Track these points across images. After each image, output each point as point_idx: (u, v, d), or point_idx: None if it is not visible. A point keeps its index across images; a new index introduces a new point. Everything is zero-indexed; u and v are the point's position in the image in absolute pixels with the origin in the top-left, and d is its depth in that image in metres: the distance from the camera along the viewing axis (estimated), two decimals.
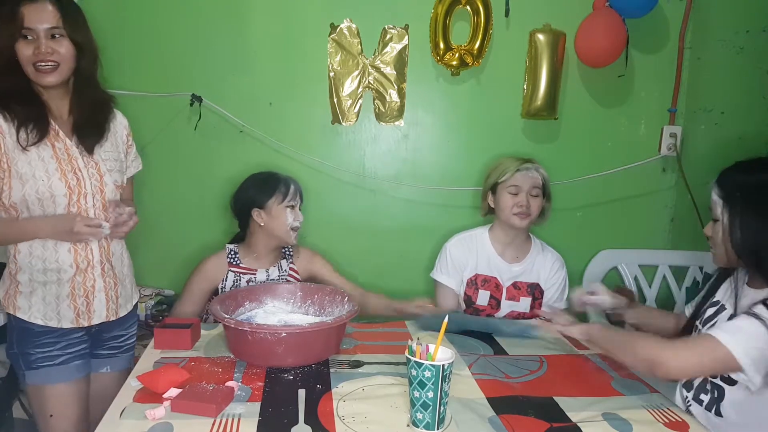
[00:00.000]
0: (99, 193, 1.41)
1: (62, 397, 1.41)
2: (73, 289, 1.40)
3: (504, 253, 1.92)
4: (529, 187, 1.86)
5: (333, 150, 2.30)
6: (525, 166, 1.88)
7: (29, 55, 1.30)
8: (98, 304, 1.44)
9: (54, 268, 1.38)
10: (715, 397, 1.27)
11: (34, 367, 1.39)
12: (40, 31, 1.30)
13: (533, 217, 1.87)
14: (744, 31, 2.05)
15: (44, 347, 1.39)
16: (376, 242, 2.36)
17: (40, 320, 1.38)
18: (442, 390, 1.04)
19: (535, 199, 1.86)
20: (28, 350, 1.39)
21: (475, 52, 2.21)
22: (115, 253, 1.48)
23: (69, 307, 1.40)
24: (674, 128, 2.33)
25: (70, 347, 1.42)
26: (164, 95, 2.15)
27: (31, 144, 1.32)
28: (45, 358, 1.39)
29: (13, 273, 1.39)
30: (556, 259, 1.96)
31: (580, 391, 1.25)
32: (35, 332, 1.39)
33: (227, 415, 1.09)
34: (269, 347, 1.26)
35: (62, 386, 1.40)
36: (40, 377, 1.39)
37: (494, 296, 1.91)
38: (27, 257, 1.37)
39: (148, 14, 2.16)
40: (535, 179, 1.87)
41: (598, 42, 2.11)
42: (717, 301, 1.41)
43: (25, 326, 1.39)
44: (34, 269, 1.37)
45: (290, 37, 2.21)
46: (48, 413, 1.40)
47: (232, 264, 1.84)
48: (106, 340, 1.53)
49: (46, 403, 1.40)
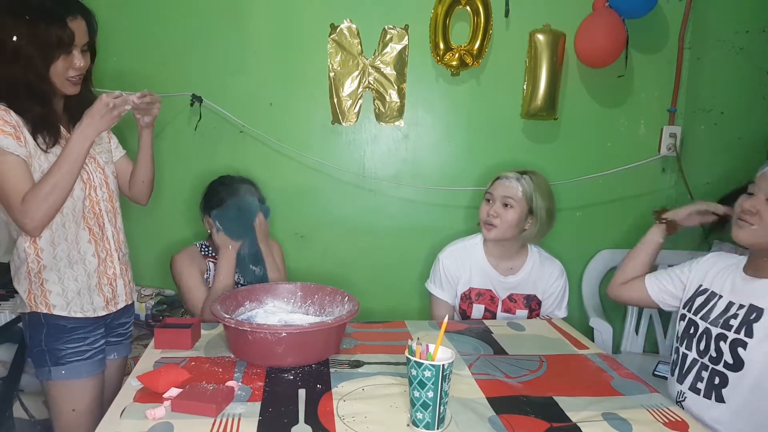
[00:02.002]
0: (104, 185, 1.50)
1: (86, 391, 1.45)
2: (99, 279, 1.47)
3: (498, 265, 1.86)
4: (500, 196, 1.77)
5: (333, 150, 2.30)
6: (506, 174, 1.80)
7: (66, 68, 1.36)
8: (120, 290, 1.53)
9: (79, 260, 1.42)
10: (716, 384, 1.30)
11: (63, 363, 1.42)
12: (79, 47, 1.37)
13: (503, 228, 1.76)
14: (744, 31, 2.05)
15: (75, 342, 1.43)
16: (375, 242, 2.36)
17: (79, 313, 1.42)
18: (442, 390, 1.04)
19: (508, 210, 1.76)
20: (58, 346, 1.41)
21: (475, 53, 2.21)
22: (123, 240, 1.57)
23: (99, 296, 1.47)
24: (674, 128, 2.33)
25: (96, 342, 1.48)
26: (164, 95, 2.14)
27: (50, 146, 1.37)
28: (75, 353, 1.43)
29: (36, 272, 1.40)
30: (555, 268, 1.88)
31: (580, 391, 1.25)
32: (68, 328, 1.42)
33: (227, 415, 1.09)
34: (269, 347, 1.26)
35: (86, 380, 1.45)
36: (68, 372, 1.42)
37: (489, 309, 1.87)
38: (51, 254, 1.39)
39: (148, 14, 2.16)
40: (510, 188, 1.76)
41: (598, 42, 2.11)
42: (705, 289, 1.42)
43: (57, 323, 1.41)
44: (61, 265, 1.40)
45: (290, 37, 2.22)
46: (71, 408, 1.43)
47: (208, 256, 1.87)
48: (114, 327, 1.59)
49: (70, 397, 1.43)
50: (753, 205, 1.30)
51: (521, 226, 1.79)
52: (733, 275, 1.39)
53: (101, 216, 1.47)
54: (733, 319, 1.31)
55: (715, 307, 1.38)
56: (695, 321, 1.41)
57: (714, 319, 1.36)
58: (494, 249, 1.87)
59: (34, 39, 1.30)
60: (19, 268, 1.41)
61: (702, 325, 1.38)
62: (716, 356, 1.32)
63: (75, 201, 1.40)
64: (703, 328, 1.38)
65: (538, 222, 1.79)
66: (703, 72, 2.27)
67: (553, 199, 1.83)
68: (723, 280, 1.41)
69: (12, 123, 1.31)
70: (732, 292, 1.36)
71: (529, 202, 1.77)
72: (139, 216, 2.15)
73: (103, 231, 1.47)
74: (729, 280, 1.39)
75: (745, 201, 1.32)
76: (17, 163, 1.30)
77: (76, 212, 1.41)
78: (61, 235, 1.40)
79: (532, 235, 1.82)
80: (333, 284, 1.58)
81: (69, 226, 1.40)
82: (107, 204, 1.50)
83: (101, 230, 1.47)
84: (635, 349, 2.33)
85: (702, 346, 1.37)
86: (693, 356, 1.39)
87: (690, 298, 1.46)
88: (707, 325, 1.37)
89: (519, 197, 1.77)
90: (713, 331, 1.34)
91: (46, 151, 1.36)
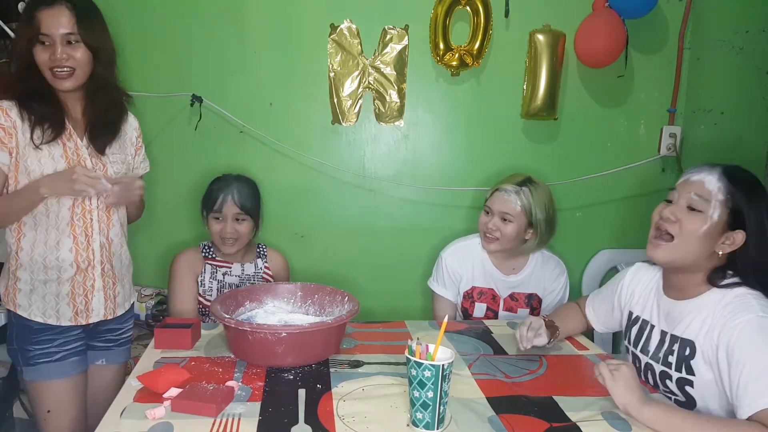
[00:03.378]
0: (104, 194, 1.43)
1: (60, 393, 1.43)
2: (73, 288, 1.42)
3: (501, 264, 1.87)
4: (499, 211, 1.77)
5: (333, 150, 2.30)
6: (504, 187, 1.78)
7: (45, 61, 1.32)
8: (97, 303, 1.46)
9: (54, 266, 1.39)
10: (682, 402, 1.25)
11: (32, 364, 1.40)
12: (56, 37, 1.31)
13: (504, 242, 1.77)
14: (743, 32, 2.05)
15: (42, 344, 1.41)
16: (375, 242, 2.36)
17: (39, 318, 1.40)
18: (442, 390, 1.04)
19: (507, 225, 1.76)
20: (26, 347, 1.40)
21: (475, 53, 2.21)
22: (115, 253, 1.50)
23: (68, 305, 1.42)
24: (674, 128, 2.33)
25: (67, 344, 1.44)
26: (164, 95, 2.15)
27: (45, 142, 1.34)
28: (43, 355, 1.41)
29: (14, 270, 1.40)
30: (556, 266, 1.90)
31: (579, 390, 1.25)
32: (33, 329, 1.40)
33: (227, 415, 1.09)
34: (269, 347, 1.26)
35: (59, 382, 1.42)
36: (38, 374, 1.41)
37: (491, 308, 1.88)
38: (28, 255, 1.38)
39: (148, 14, 2.16)
40: (509, 203, 1.75)
41: (598, 42, 2.11)
42: (637, 317, 1.36)
43: (24, 323, 1.40)
44: (35, 267, 1.39)
45: (290, 37, 2.21)
46: (45, 409, 1.42)
47: (208, 257, 1.91)
48: (101, 332, 1.55)
49: (44, 399, 1.42)
50: (673, 212, 1.21)
51: (521, 237, 1.80)
52: (657, 298, 1.32)
53: (91, 225, 1.43)
54: (671, 356, 1.24)
55: (650, 339, 1.31)
56: (637, 355, 1.35)
57: (653, 353, 1.30)
58: None
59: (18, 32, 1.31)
60: (3, 265, 1.42)
61: (644, 360, 1.32)
62: (667, 393, 1.27)
63: (60, 207, 1.38)
64: (645, 362, 1.32)
65: (537, 234, 1.79)
66: (703, 72, 2.27)
67: (553, 206, 1.83)
68: (650, 303, 1.34)
69: (5, 126, 1.30)
70: (660, 319, 1.30)
71: (528, 215, 1.77)
72: None
73: (89, 241, 1.43)
74: (654, 304, 1.32)
75: (664, 209, 1.23)
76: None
77: (61, 219, 1.39)
78: (42, 238, 1.38)
79: (532, 246, 1.83)
80: (333, 284, 1.59)
81: (50, 232, 1.39)
82: (103, 214, 1.45)
83: (87, 240, 1.43)
84: None
85: (652, 381, 1.32)
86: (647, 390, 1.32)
87: (627, 327, 1.40)
88: (648, 360, 1.31)
89: (518, 212, 1.76)
90: (656, 367, 1.29)
91: (38, 147, 1.33)
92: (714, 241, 1.18)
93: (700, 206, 1.18)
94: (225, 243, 1.87)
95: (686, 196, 1.21)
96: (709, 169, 1.21)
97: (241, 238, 1.88)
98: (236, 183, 1.91)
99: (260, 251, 2.02)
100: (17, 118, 1.32)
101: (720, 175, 1.18)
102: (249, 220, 1.89)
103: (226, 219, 1.86)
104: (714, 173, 1.19)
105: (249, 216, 1.89)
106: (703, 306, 1.20)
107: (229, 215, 1.86)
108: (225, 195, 1.87)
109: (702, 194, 1.18)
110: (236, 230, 1.87)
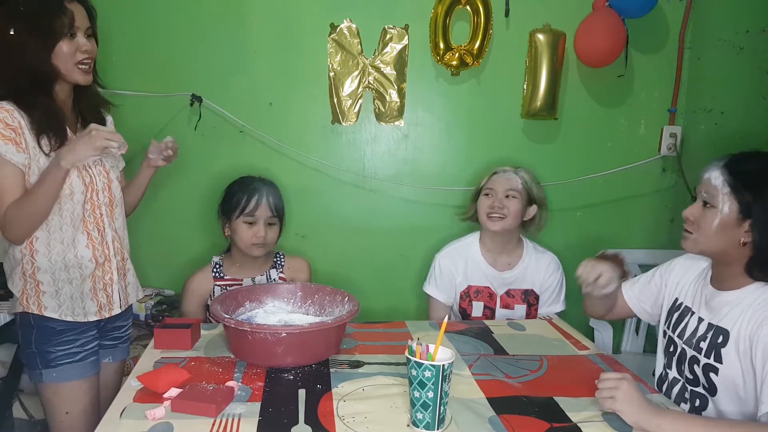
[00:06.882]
0: (107, 189, 1.47)
1: (79, 394, 1.44)
2: (94, 284, 1.45)
3: (495, 261, 1.89)
4: (503, 189, 1.84)
5: (333, 150, 2.30)
6: (502, 169, 1.89)
7: (71, 53, 1.33)
8: (115, 296, 1.50)
9: (75, 264, 1.41)
10: (696, 406, 1.27)
11: (53, 365, 1.40)
12: (82, 30, 1.34)
13: (510, 220, 1.82)
14: (744, 31, 2.05)
15: (65, 345, 1.41)
16: (375, 242, 2.36)
17: (69, 317, 1.41)
18: (442, 390, 1.04)
19: (511, 201, 1.83)
20: (48, 348, 1.40)
21: (475, 52, 2.21)
22: (124, 245, 1.55)
23: (92, 300, 1.44)
24: (674, 128, 2.33)
25: (87, 344, 1.46)
26: (164, 95, 2.15)
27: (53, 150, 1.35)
28: (65, 356, 1.41)
29: (30, 273, 1.39)
30: (551, 261, 1.91)
31: (580, 391, 1.25)
32: (57, 330, 1.41)
33: (227, 415, 1.09)
34: (269, 347, 1.26)
35: (79, 383, 1.43)
36: (58, 375, 1.41)
37: (488, 306, 1.89)
38: (46, 256, 1.38)
39: (148, 14, 2.16)
40: (511, 181, 1.85)
41: (598, 42, 2.11)
42: (680, 304, 1.38)
43: (46, 324, 1.40)
44: (56, 268, 1.39)
45: (290, 37, 2.21)
46: (64, 411, 1.42)
47: (217, 278, 1.84)
48: (109, 330, 1.56)
49: (63, 400, 1.42)
50: (691, 212, 1.27)
51: (522, 216, 1.87)
52: (702, 287, 1.34)
53: (102, 220, 1.45)
54: (703, 342, 1.26)
55: (688, 325, 1.33)
56: (674, 339, 1.37)
57: (687, 338, 1.32)
58: (491, 245, 1.89)
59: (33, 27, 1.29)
60: (14, 269, 1.41)
61: (679, 345, 1.34)
62: (693, 378, 1.29)
63: (74, 205, 1.39)
64: (680, 347, 1.34)
65: (539, 209, 1.89)
66: (703, 72, 2.27)
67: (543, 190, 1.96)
68: (694, 291, 1.36)
69: (13, 126, 1.29)
70: (702, 307, 1.31)
71: (530, 191, 1.87)
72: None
73: (102, 236, 1.45)
74: (699, 293, 1.34)
75: (687, 208, 1.29)
76: (11, 173, 1.30)
77: (75, 216, 1.40)
78: (58, 238, 1.38)
79: (536, 224, 1.90)
80: (333, 284, 1.58)
81: (66, 230, 1.39)
82: (108, 208, 1.47)
83: (101, 235, 1.45)
84: (635, 349, 2.32)
85: (681, 366, 1.33)
86: (674, 375, 1.36)
87: (669, 312, 1.42)
88: (683, 345, 1.33)
89: (520, 188, 1.85)
90: (688, 352, 1.31)
91: (48, 154, 1.34)
92: (734, 232, 1.20)
93: (712, 202, 1.23)
94: (255, 248, 1.80)
95: (701, 194, 1.26)
96: (716, 164, 1.24)
97: (269, 243, 1.83)
98: (266, 186, 1.85)
99: (276, 260, 1.92)
100: (20, 118, 1.32)
101: (722, 169, 1.22)
102: (277, 224, 1.85)
103: (259, 223, 1.79)
104: (717, 168, 1.23)
105: (279, 220, 1.85)
106: (743, 297, 1.22)
107: (262, 219, 1.80)
108: (259, 198, 1.80)
109: (710, 190, 1.23)
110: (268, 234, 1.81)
